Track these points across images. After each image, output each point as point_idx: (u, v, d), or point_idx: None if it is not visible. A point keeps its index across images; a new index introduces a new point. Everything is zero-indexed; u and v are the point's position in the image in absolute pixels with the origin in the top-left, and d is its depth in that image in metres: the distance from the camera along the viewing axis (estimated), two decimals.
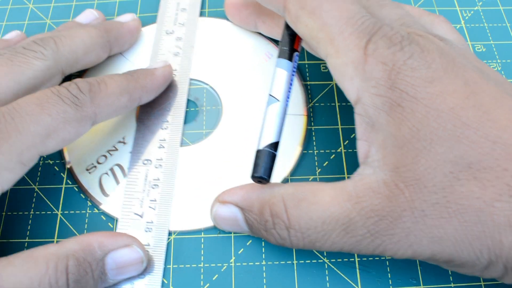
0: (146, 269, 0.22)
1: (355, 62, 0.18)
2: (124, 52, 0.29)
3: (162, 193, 0.24)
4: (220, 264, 0.23)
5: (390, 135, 0.18)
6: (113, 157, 0.25)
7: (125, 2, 0.32)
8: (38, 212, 0.24)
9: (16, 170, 0.20)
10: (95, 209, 0.24)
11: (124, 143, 0.26)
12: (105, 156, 0.25)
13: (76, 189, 0.25)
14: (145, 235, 0.23)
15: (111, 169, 0.25)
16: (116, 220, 0.24)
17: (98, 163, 0.25)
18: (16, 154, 0.19)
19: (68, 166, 0.25)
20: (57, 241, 0.24)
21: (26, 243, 0.23)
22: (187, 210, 0.24)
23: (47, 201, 0.25)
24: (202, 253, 0.23)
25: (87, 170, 0.25)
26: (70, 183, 0.25)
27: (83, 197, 0.25)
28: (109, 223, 0.24)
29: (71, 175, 0.25)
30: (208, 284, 0.22)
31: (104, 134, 0.26)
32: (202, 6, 0.31)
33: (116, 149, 0.26)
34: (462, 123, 0.17)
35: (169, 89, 0.27)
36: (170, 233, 0.23)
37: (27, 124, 0.20)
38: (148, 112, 0.26)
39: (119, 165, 0.25)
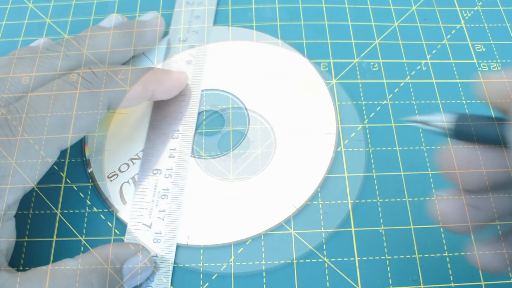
0: (153, 280, 0.22)
1: None
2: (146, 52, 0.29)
3: (171, 204, 0.24)
4: (220, 264, 0.23)
5: None
6: (136, 165, 0.25)
7: (124, 2, 0.32)
8: (37, 212, 0.24)
9: (39, 167, 0.20)
10: (94, 208, 0.24)
11: None
12: (127, 164, 0.25)
13: (80, 193, 0.25)
14: (153, 246, 0.23)
15: (133, 178, 0.25)
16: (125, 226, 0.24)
17: (120, 171, 0.25)
18: (36, 150, 0.20)
19: (89, 170, 0.26)
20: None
21: (25, 243, 0.23)
22: (196, 223, 0.24)
23: (46, 200, 0.25)
24: (202, 252, 0.23)
25: (108, 177, 0.25)
26: (69, 182, 0.25)
27: (82, 195, 0.25)
28: (108, 223, 0.24)
29: (92, 182, 0.25)
30: (207, 284, 0.22)
31: (127, 143, 0.26)
32: (217, 14, 0.31)
33: (139, 158, 0.26)
34: None
35: (181, 97, 0.27)
36: (178, 246, 0.23)
37: (42, 118, 0.20)
38: (159, 120, 0.26)
39: None
